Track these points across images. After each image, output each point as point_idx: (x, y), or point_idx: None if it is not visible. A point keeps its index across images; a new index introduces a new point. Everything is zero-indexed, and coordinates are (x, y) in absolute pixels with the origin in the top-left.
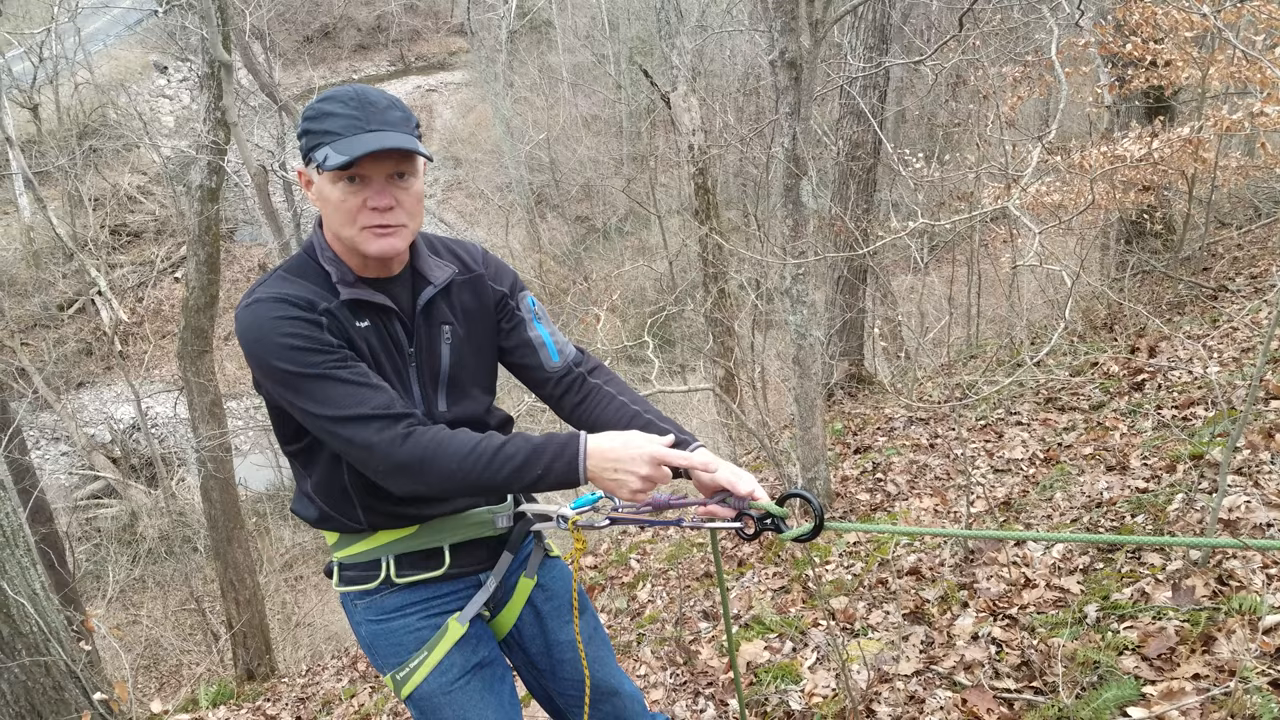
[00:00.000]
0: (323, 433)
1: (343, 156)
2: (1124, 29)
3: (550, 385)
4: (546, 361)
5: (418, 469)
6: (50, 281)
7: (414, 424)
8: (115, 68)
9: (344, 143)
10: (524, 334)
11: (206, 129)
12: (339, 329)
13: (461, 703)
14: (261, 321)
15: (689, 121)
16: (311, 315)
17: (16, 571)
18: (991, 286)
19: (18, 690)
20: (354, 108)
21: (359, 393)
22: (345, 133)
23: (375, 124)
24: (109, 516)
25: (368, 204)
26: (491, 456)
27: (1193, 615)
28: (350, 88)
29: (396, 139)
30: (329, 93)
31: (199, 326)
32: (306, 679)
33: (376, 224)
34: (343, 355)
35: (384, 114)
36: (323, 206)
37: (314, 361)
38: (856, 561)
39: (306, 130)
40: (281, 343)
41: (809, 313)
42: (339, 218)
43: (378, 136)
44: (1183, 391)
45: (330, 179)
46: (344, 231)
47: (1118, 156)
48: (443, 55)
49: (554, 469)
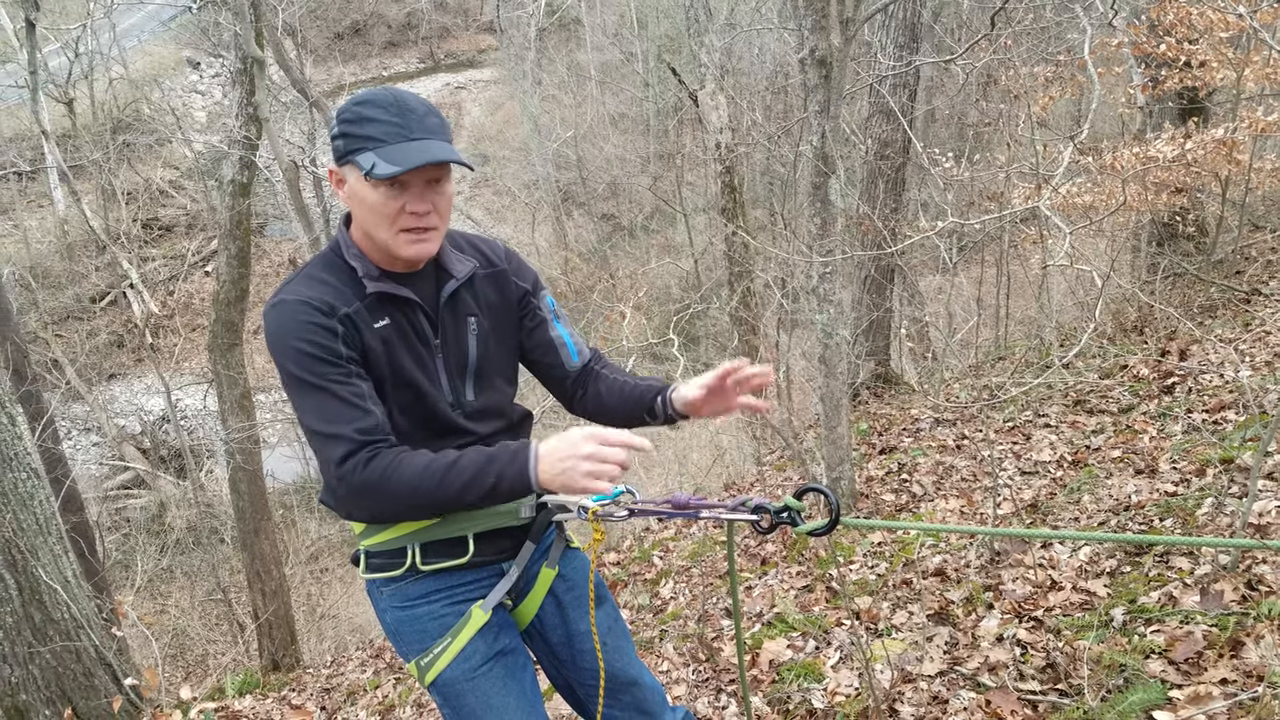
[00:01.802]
0: (306, 437)
1: (395, 167)
2: (1158, 29)
3: (569, 383)
4: (567, 361)
5: (373, 492)
6: (83, 274)
7: (380, 448)
8: (149, 63)
9: (390, 150)
10: (546, 334)
11: (238, 124)
12: (354, 336)
13: (484, 689)
14: (282, 322)
15: (717, 119)
16: (329, 323)
17: (49, 559)
18: (1021, 288)
19: (49, 675)
20: (394, 114)
21: (346, 412)
22: (389, 139)
23: (417, 132)
24: (138, 507)
25: (407, 209)
26: (444, 472)
27: (1221, 620)
28: (386, 91)
29: (444, 151)
30: (364, 96)
31: (229, 320)
32: (331, 670)
33: (414, 227)
34: (348, 370)
35: (424, 121)
36: (357, 208)
37: (319, 371)
38: (881, 562)
39: (345, 133)
40: (296, 346)
41: (835, 312)
42: (376, 220)
43: (423, 146)
44: (1213, 395)
45: (371, 183)
46: (379, 234)
47: (1150, 157)
48: (472, 53)
49: (506, 476)
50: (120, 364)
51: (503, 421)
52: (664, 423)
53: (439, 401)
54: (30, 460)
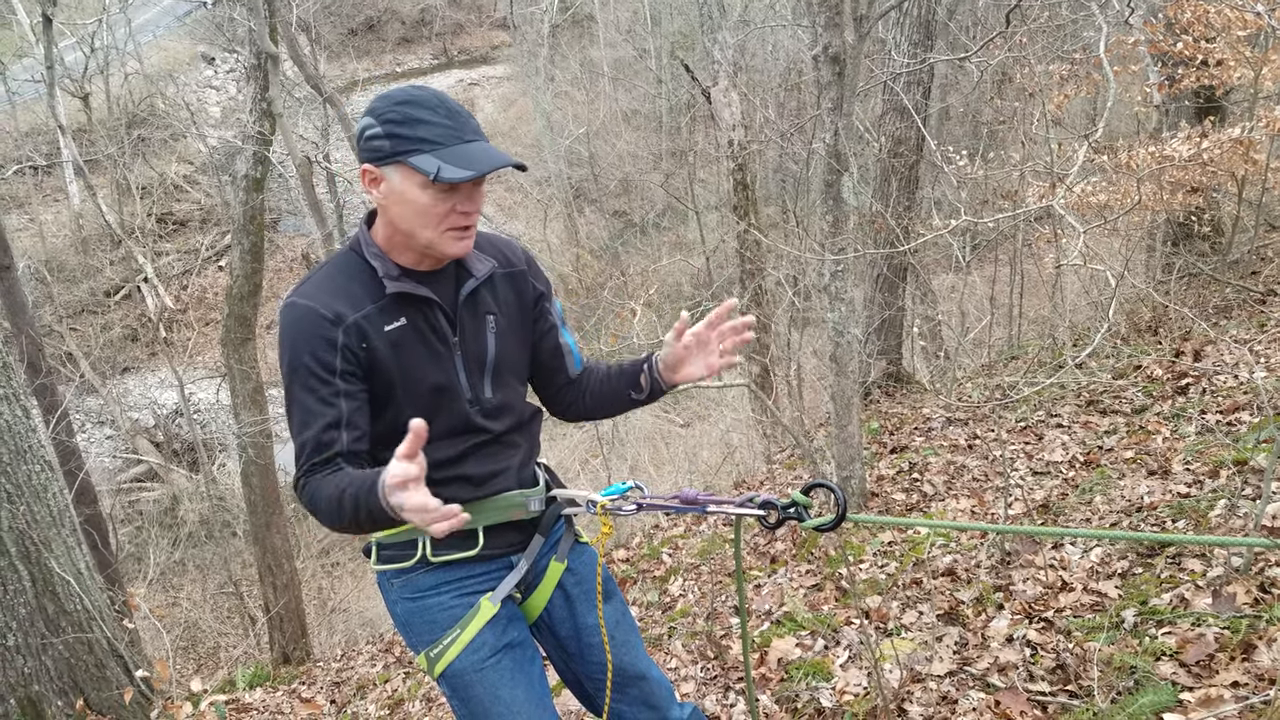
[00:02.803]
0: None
1: (466, 171)
2: (1174, 27)
3: (570, 389)
4: (571, 368)
5: (310, 510)
6: (98, 268)
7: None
8: (164, 58)
9: (448, 153)
10: (556, 339)
11: (252, 120)
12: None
13: (492, 681)
14: (289, 327)
15: (729, 117)
16: (332, 334)
17: (62, 550)
18: (1034, 287)
19: (61, 666)
20: (444, 116)
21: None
22: (445, 141)
23: (469, 134)
24: (151, 500)
25: (456, 208)
26: (337, 506)
27: (1233, 622)
28: (427, 92)
29: (502, 157)
30: (406, 95)
31: (242, 315)
32: (341, 663)
33: (461, 226)
34: (335, 389)
35: (469, 122)
36: (398, 206)
37: (310, 384)
38: (891, 561)
39: (393, 134)
40: (297, 351)
41: (847, 310)
42: (423, 221)
43: (482, 150)
44: (1228, 396)
45: (420, 184)
46: (424, 233)
47: (1166, 157)
48: (485, 49)
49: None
50: (134, 358)
51: (516, 419)
52: (650, 397)
53: (458, 399)
54: (44, 453)
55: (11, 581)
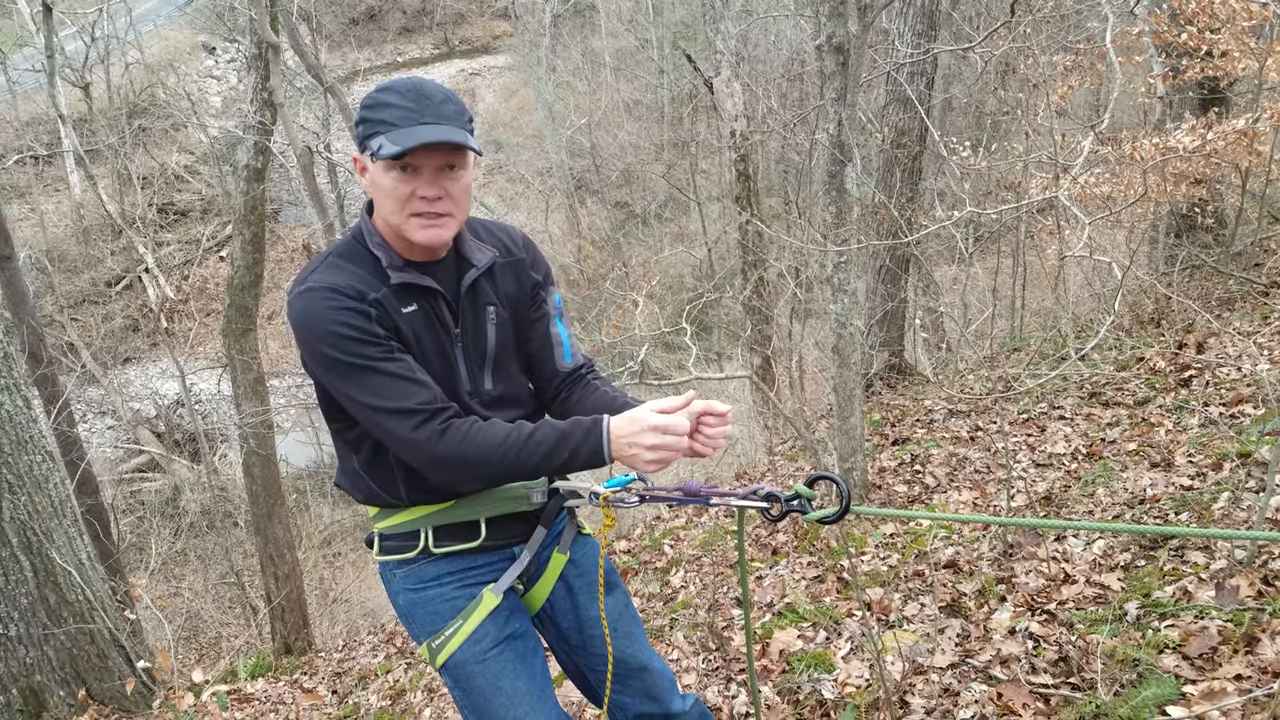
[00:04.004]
0: (365, 420)
1: (395, 147)
2: (1179, 18)
3: (556, 382)
4: (560, 361)
5: (455, 462)
6: (99, 258)
7: (450, 418)
8: (165, 48)
9: (398, 133)
10: (547, 328)
11: (253, 109)
12: (386, 319)
13: (494, 672)
14: (315, 309)
15: (731, 107)
16: (361, 306)
17: (64, 541)
18: (1037, 279)
19: (63, 656)
20: (410, 100)
21: (403, 387)
22: (401, 124)
23: (430, 117)
24: (153, 490)
25: (417, 193)
26: (523, 445)
27: (1236, 615)
28: (408, 80)
29: (446, 133)
30: (388, 83)
31: (243, 305)
32: (343, 654)
33: (424, 211)
34: (389, 347)
35: (439, 108)
36: (375, 193)
37: (363, 352)
38: (893, 553)
39: (364, 119)
40: (333, 330)
41: (850, 301)
42: (390, 205)
43: (430, 129)
44: (1231, 388)
45: (384, 167)
46: (393, 218)
47: (1170, 148)
48: (486, 39)
49: (581, 452)
50: (135, 348)
51: (519, 410)
52: None
53: (458, 390)
54: (46, 443)
55: (13, 572)
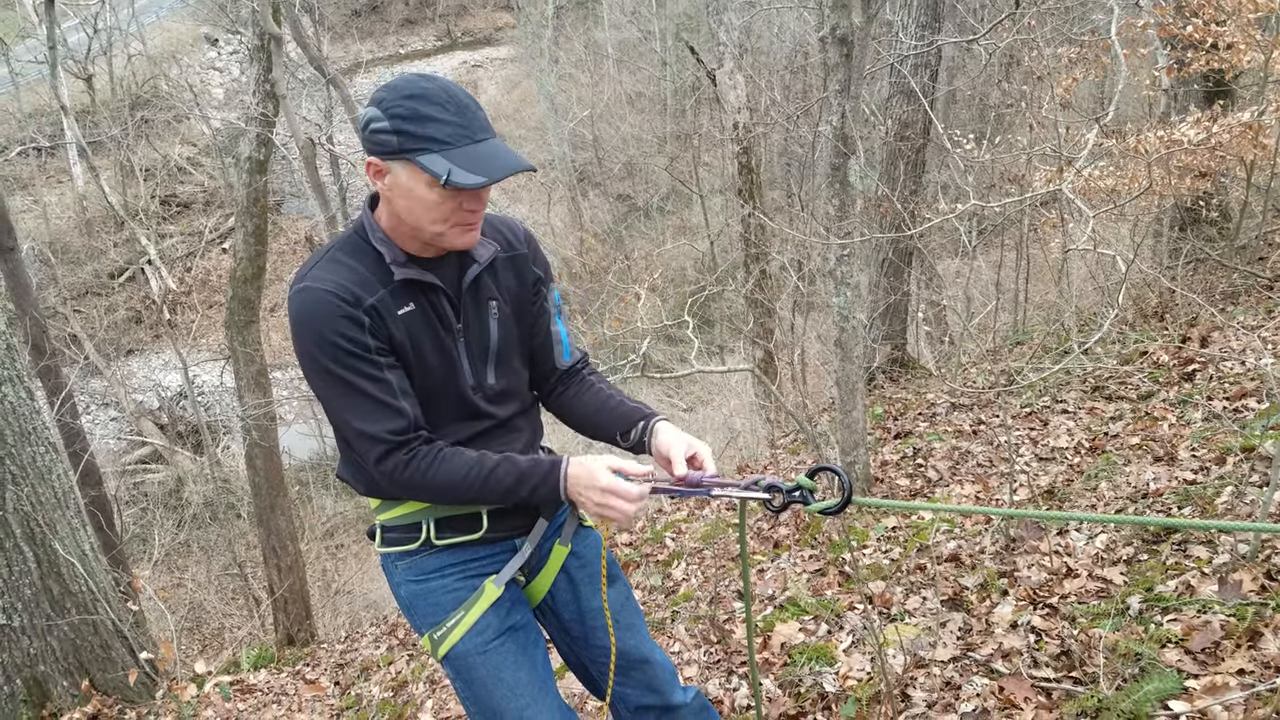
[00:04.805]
0: (335, 428)
1: (479, 177)
2: (1184, 10)
3: (554, 379)
4: (558, 358)
5: (417, 490)
6: (102, 250)
7: (416, 447)
8: (167, 40)
9: (458, 154)
10: (547, 325)
11: (256, 101)
12: (380, 328)
13: (496, 663)
14: (310, 310)
15: (734, 99)
16: (356, 314)
17: (67, 532)
18: (1040, 272)
19: (67, 647)
20: (454, 113)
21: (378, 412)
22: (455, 142)
23: (479, 133)
24: (155, 481)
25: (464, 206)
26: (483, 482)
27: (1239, 609)
28: (438, 87)
29: (516, 162)
30: (414, 89)
31: (246, 297)
32: (345, 645)
33: (467, 222)
34: (377, 363)
35: (478, 118)
36: (403, 201)
37: (350, 365)
38: (895, 546)
39: (401, 130)
40: (325, 337)
41: (853, 294)
42: (429, 217)
43: (493, 151)
44: (1235, 383)
45: (428, 183)
46: (431, 227)
47: (1174, 141)
48: (489, 30)
49: (539, 491)
50: (138, 340)
51: (520, 404)
52: (630, 450)
53: (461, 385)
54: (49, 435)
55: (17, 563)
